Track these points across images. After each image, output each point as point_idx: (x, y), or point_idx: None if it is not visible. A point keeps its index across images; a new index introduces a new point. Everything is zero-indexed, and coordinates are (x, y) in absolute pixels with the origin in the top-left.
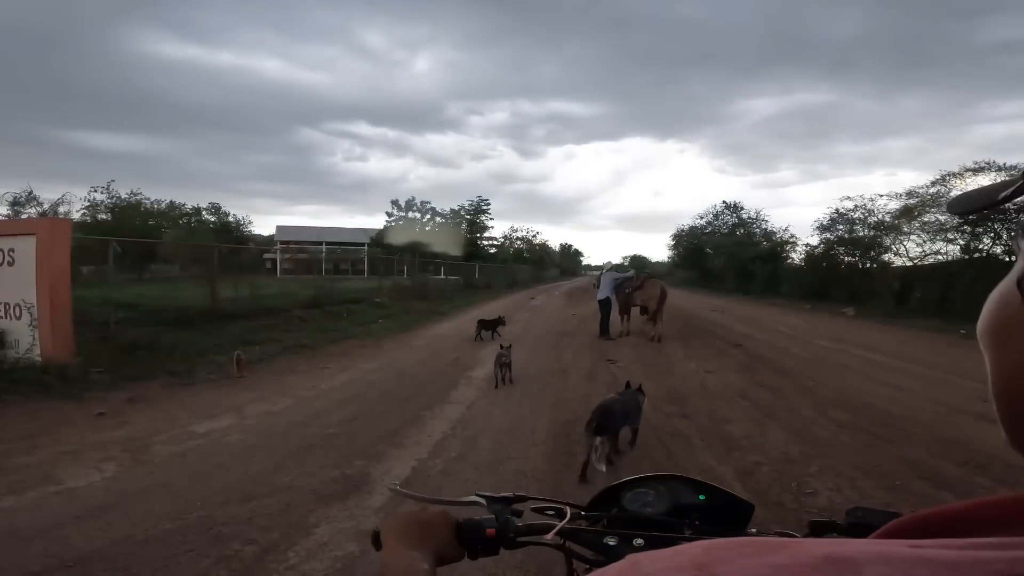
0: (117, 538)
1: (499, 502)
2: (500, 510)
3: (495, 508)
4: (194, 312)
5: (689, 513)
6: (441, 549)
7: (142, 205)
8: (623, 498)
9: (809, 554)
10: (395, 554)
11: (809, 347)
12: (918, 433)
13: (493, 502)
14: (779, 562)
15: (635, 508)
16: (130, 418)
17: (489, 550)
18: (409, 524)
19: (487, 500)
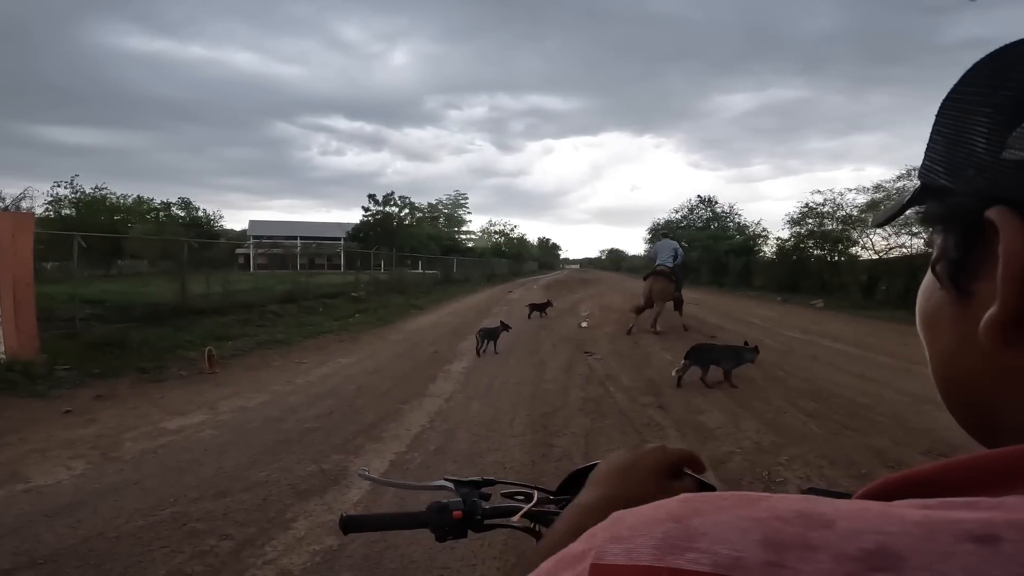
0: (88, 535)
1: (467, 486)
2: (467, 493)
3: (462, 492)
4: (164, 308)
5: None
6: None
7: (107, 200)
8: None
9: (785, 509)
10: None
11: (780, 338)
12: (883, 422)
13: (461, 486)
14: (755, 515)
15: None
16: (98, 415)
17: (456, 533)
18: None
19: (455, 484)
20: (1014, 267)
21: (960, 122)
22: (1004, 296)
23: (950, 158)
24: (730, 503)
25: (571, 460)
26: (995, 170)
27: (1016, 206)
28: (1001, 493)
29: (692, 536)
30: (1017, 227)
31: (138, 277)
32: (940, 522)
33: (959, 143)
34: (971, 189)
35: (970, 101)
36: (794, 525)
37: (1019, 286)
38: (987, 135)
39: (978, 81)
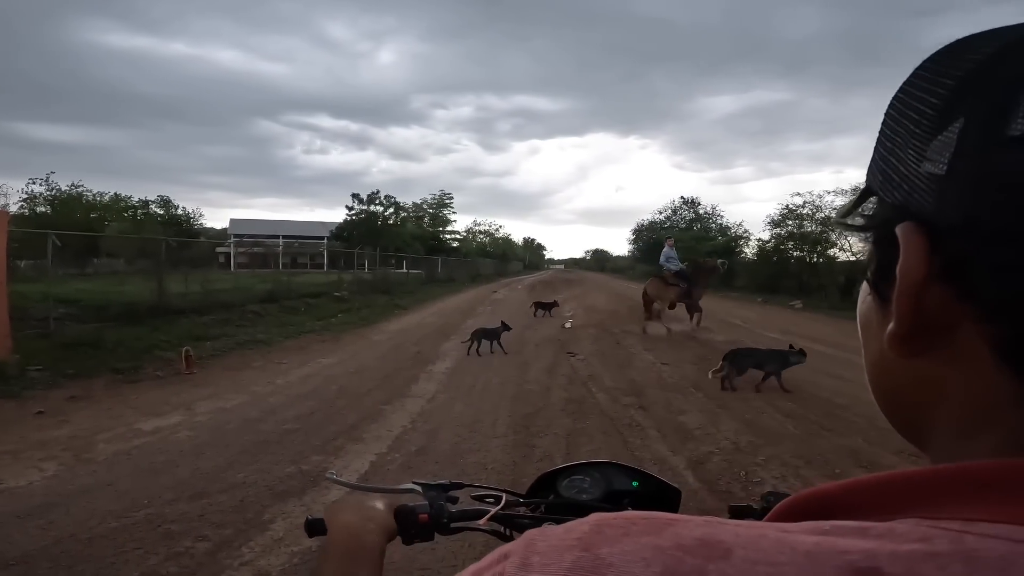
0: (60, 536)
1: (434, 489)
2: (435, 497)
3: (429, 495)
4: (140, 307)
5: (622, 499)
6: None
7: (84, 198)
8: (559, 485)
9: (688, 536)
10: (337, 532)
11: (760, 339)
12: (858, 422)
13: (429, 489)
14: (659, 543)
15: (571, 494)
16: (71, 416)
17: (423, 536)
18: (350, 508)
19: (423, 487)
20: (905, 285)
21: (896, 125)
22: (899, 312)
23: (885, 163)
24: (639, 529)
25: (552, 461)
26: (912, 182)
27: (926, 222)
28: (896, 516)
29: (599, 568)
30: (917, 245)
31: (114, 276)
32: (827, 553)
33: (893, 148)
34: (892, 198)
35: (906, 103)
36: (694, 555)
37: (912, 303)
38: (913, 144)
39: (915, 83)
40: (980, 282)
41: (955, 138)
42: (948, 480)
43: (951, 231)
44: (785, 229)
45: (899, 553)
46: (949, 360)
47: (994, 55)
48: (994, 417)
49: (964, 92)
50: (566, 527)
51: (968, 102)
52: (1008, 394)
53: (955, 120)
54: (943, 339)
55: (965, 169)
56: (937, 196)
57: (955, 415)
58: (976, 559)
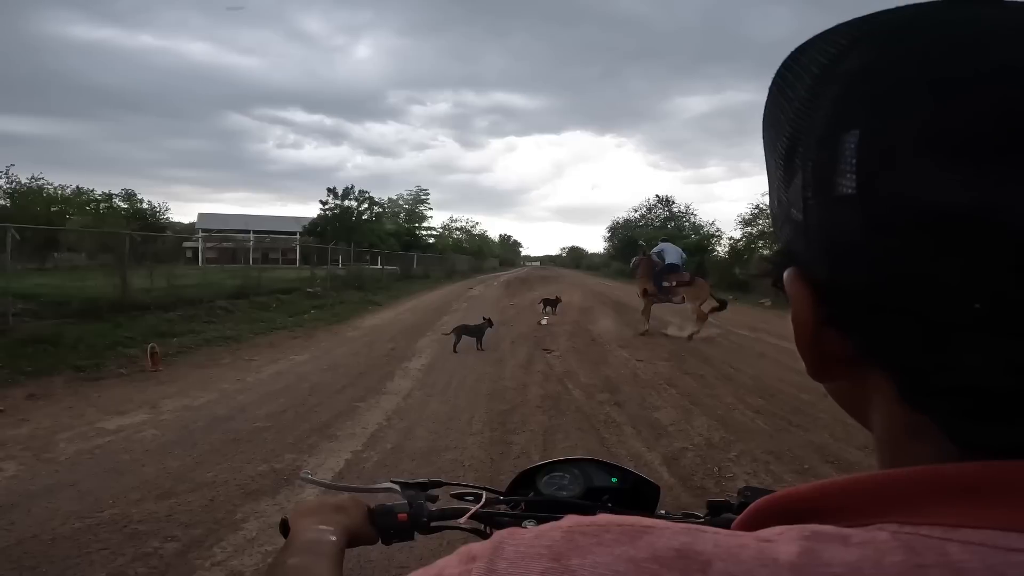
0: (22, 537)
1: (413, 487)
2: (414, 495)
3: (408, 494)
4: (102, 303)
5: (601, 495)
6: (354, 531)
7: (44, 191)
8: (539, 482)
9: (664, 546)
10: (302, 528)
11: (730, 336)
12: (824, 418)
13: (407, 487)
14: (633, 555)
15: (551, 492)
16: (31, 415)
17: (402, 535)
18: (319, 506)
19: (401, 486)
20: (799, 332)
21: (768, 159)
22: (801, 354)
23: (769, 197)
24: (612, 537)
25: (529, 458)
26: (788, 226)
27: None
28: (872, 520)
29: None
30: (801, 294)
31: (75, 271)
32: (811, 566)
33: (771, 189)
34: (779, 240)
35: (767, 146)
36: (671, 569)
37: (808, 346)
38: (779, 188)
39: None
40: (853, 334)
41: (799, 192)
42: (924, 484)
43: (821, 284)
44: (756, 228)
45: (884, 565)
46: (862, 386)
47: (813, 85)
48: (904, 441)
49: (796, 137)
50: (537, 532)
51: (800, 151)
52: (910, 423)
53: (796, 171)
54: (852, 369)
55: (813, 225)
56: (805, 247)
57: (881, 431)
58: (963, 570)
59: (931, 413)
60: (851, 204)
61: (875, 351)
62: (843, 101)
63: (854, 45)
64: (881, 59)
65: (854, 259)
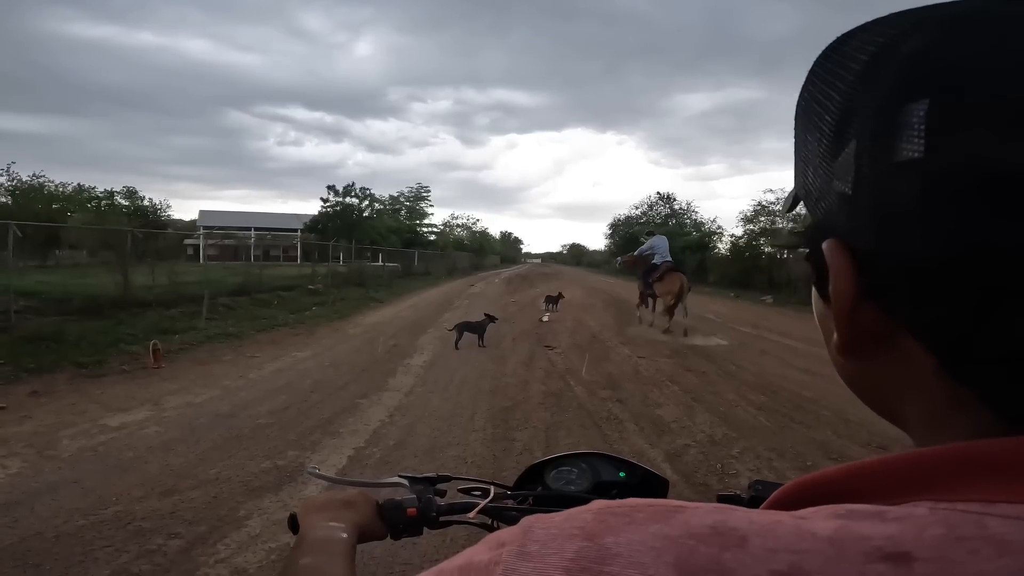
0: (25, 535)
1: (422, 482)
2: (422, 490)
3: (417, 488)
4: (104, 300)
5: (610, 490)
6: (363, 526)
7: (46, 188)
8: (547, 477)
9: (699, 523)
10: (312, 525)
11: (732, 333)
12: (827, 415)
13: (415, 482)
14: (668, 532)
15: (559, 486)
16: (33, 412)
17: (411, 530)
18: (328, 502)
19: (409, 480)
20: (840, 306)
21: (805, 138)
22: (837, 328)
23: (803, 175)
24: (645, 516)
25: (532, 454)
26: (828, 200)
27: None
28: (906, 499)
29: (604, 558)
30: (843, 265)
31: (77, 268)
32: (851, 538)
33: (806, 162)
34: (815, 214)
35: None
36: (708, 544)
37: (847, 320)
38: (821, 162)
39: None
40: (899, 306)
41: (852, 161)
42: (957, 461)
43: (867, 254)
44: (758, 225)
45: (925, 537)
46: (897, 362)
47: (871, 62)
48: (947, 416)
49: (851, 109)
50: (566, 515)
51: (856, 122)
52: (954, 397)
53: (849, 141)
54: (886, 346)
55: (866, 195)
56: (849, 218)
57: (916, 409)
58: (1006, 542)
59: (976, 384)
60: (914, 168)
61: (919, 321)
62: (910, 75)
63: (917, 27)
64: (947, 38)
65: (908, 225)
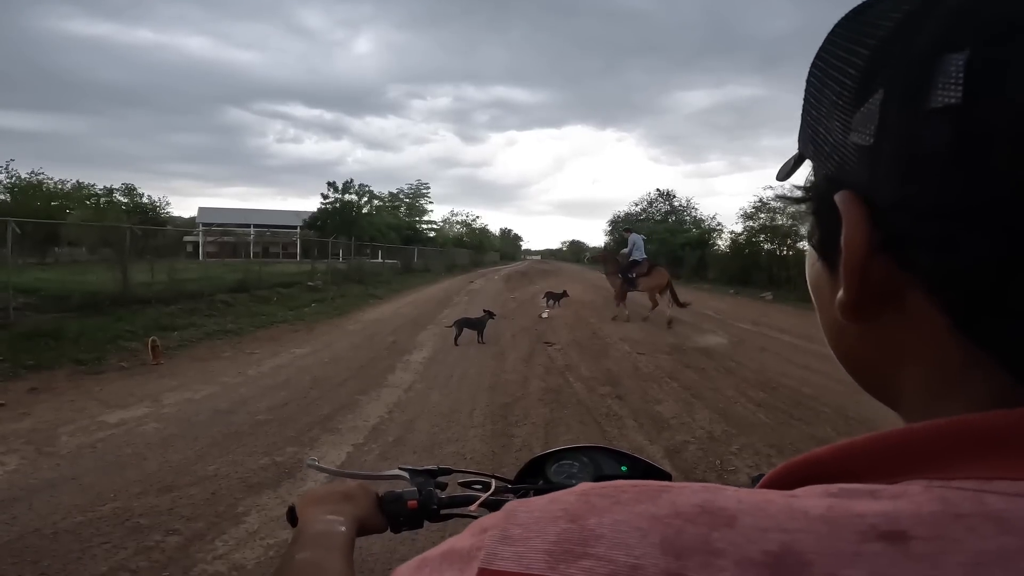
0: (24, 532)
1: (422, 475)
2: (423, 483)
3: (418, 481)
4: (103, 297)
5: None
6: (363, 519)
7: (45, 185)
8: (548, 470)
9: (686, 503)
10: (311, 518)
11: (732, 329)
12: (826, 412)
13: (416, 475)
14: (655, 512)
15: (560, 480)
16: (32, 409)
17: (412, 523)
18: (327, 495)
19: (410, 473)
20: (852, 258)
21: (819, 92)
22: (846, 284)
23: (813, 131)
24: (630, 497)
25: (531, 450)
26: (843, 152)
27: (863, 192)
28: (899, 478)
29: (588, 540)
30: (857, 216)
31: (76, 265)
32: (845, 516)
33: (819, 117)
34: (826, 168)
35: (826, 71)
36: (696, 524)
37: (858, 275)
38: (838, 113)
39: (833, 49)
40: (920, 256)
41: (877, 110)
42: (954, 436)
43: (886, 204)
44: (758, 222)
45: (922, 514)
46: (903, 324)
47: (908, 18)
48: (956, 380)
49: (881, 60)
50: (550, 497)
51: (886, 72)
52: (965, 358)
53: (875, 91)
54: (893, 305)
55: (890, 143)
56: (868, 169)
57: (918, 377)
58: (1005, 520)
59: (995, 342)
60: (949, 114)
61: (940, 272)
62: (953, 26)
63: None
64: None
65: (938, 170)
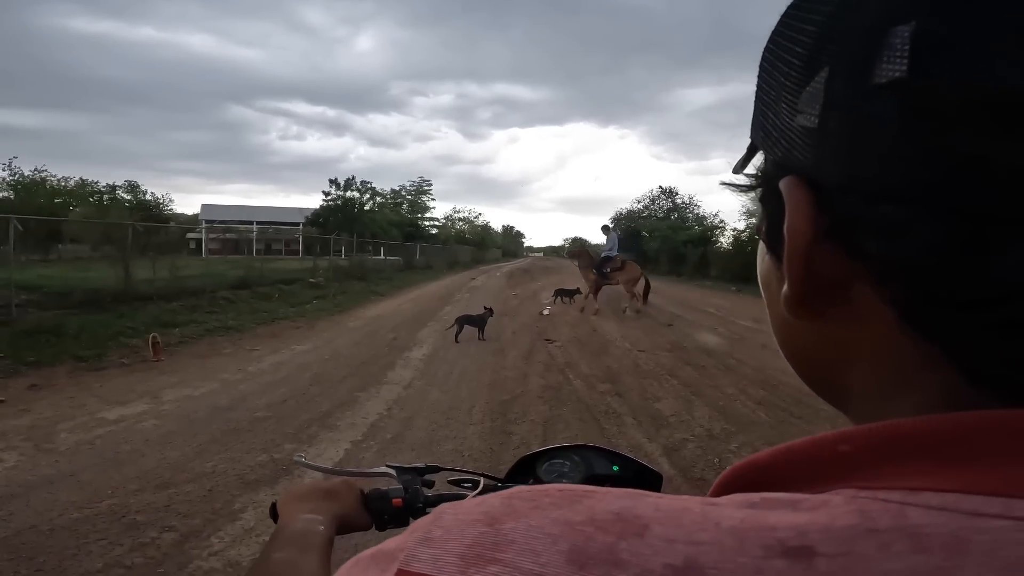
0: (20, 528)
1: (410, 472)
2: (410, 480)
3: (404, 479)
4: (105, 294)
5: (603, 483)
6: (345, 517)
7: (48, 183)
8: (539, 469)
9: (604, 509)
10: (291, 516)
11: (733, 327)
12: (826, 411)
13: (403, 472)
14: (570, 518)
15: (551, 479)
16: (32, 405)
17: (397, 521)
18: (310, 492)
19: (397, 470)
20: (794, 245)
21: (769, 76)
22: (789, 274)
23: (763, 117)
24: (551, 501)
25: (529, 448)
26: (789, 136)
27: (808, 177)
28: (830, 486)
29: (499, 545)
30: (801, 201)
31: (79, 262)
32: (754, 530)
33: (768, 101)
34: (773, 154)
35: (775, 53)
36: (606, 532)
37: (802, 264)
38: (785, 96)
39: (782, 31)
40: (867, 241)
41: (822, 89)
42: (887, 441)
43: (833, 187)
44: None
45: (833, 529)
46: (850, 320)
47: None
48: (906, 380)
49: (826, 37)
50: (479, 500)
51: (831, 49)
52: (915, 356)
53: (820, 69)
54: (839, 299)
55: (836, 122)
56: (814, 151)
57: (868, 377)
58: (922, 535)
59: (947, 335)
60: (896, 88)
61: (890, 258)
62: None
63: None
64: None
65: (885, 148)
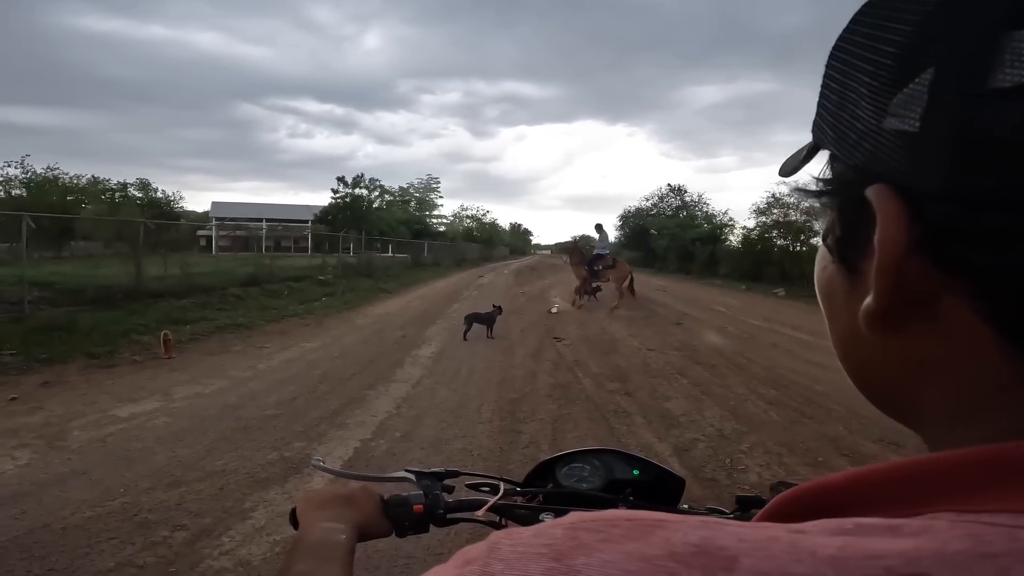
0: (33, 526)
1: (429, 477)
2: (429, 486)
3: (424, 484)
4: (117, 291)
5: (623, 488)
6: (365, 524)
7: (60, 180)
8: (558, 473)
9: (682, 542)
10: (311, 525)
11: (743, 326)
12: (838, 410)
13: (422, 477)
14: (647, 552)
15: (570, 483)
16: (45, 403)
17: (417, 527)
18: (329, 498)
19: (416, 475)
20: (888, 258)
21: (845, 76)
22: (878, 288)
23: (835, 118)
24: (621, 533)
25: (538, 447)
26: (876, 140)
27: (898, 184)
28: (924, 509)
29: None
30: (894, 211)
31: (91, 259)
32: (857, 559)
33: (844, 102)
34: (853, 159)
35: (854, 52)
36: (691, 567)
37: (893, 278)
38: (869, 97)
39: (866, 22)
40: (971, 252)
41: (926, 91)
42: (984, 465)
43: (931, 196)
44: (770, 217)
45: (947, 555)
46: (933, 336)
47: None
48: (995, 398)
49: (931, 34)
50: (536, 530)
51: (939, 47)
52: (1010, 376)
53: (923, 69)
54: (923, 313)
55: (943, 127)
56: (909, 157)
57: (946, 396)
58: None
59: None
60: (1016, 95)
61: (993, 272)
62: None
63: None
64: None
65: (998, 159)
